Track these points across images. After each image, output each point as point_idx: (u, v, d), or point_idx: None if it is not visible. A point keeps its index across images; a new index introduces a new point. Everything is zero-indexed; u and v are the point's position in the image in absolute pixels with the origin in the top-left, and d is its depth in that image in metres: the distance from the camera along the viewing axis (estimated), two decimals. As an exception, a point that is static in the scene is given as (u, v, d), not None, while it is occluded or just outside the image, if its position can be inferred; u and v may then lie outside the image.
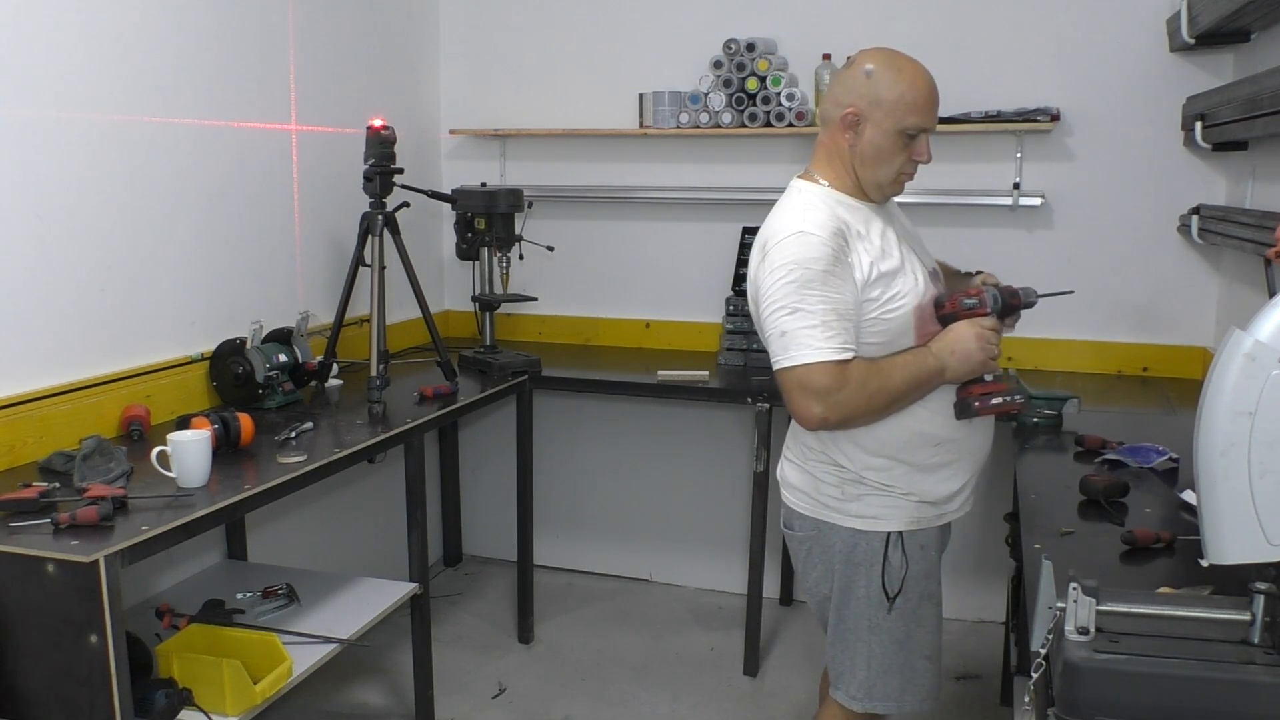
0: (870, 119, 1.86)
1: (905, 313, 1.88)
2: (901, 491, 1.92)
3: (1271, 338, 1.26)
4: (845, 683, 2.02)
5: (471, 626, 3.57)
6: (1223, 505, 1.30)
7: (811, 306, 1.76)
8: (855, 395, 1.79)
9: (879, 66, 1.86)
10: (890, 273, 1.86)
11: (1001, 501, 3.33)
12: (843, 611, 1.99)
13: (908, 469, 1.92)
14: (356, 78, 3.39)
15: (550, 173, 3.82)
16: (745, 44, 3.39)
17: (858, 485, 1.92)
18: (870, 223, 1.90)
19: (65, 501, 1.89)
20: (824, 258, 1.78)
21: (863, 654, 1.99)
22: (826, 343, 1.76)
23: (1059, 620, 1.31)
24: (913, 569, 1.96)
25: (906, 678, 2.01)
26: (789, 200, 1.93)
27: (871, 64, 1.87)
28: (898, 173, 1.91)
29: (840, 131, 1.89)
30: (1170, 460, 2.19)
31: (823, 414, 1.79)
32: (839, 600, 1.99)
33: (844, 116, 1.87)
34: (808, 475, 1.97)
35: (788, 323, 1.78)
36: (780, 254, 1.80)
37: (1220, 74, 3.06)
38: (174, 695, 2.01)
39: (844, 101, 1.88)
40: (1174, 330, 3.28)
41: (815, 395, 1.77)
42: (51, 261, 2.29)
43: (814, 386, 1.77)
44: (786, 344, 1.78)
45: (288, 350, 2.77)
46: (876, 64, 1.87)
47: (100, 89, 2.40)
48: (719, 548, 3.81)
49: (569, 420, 3.94)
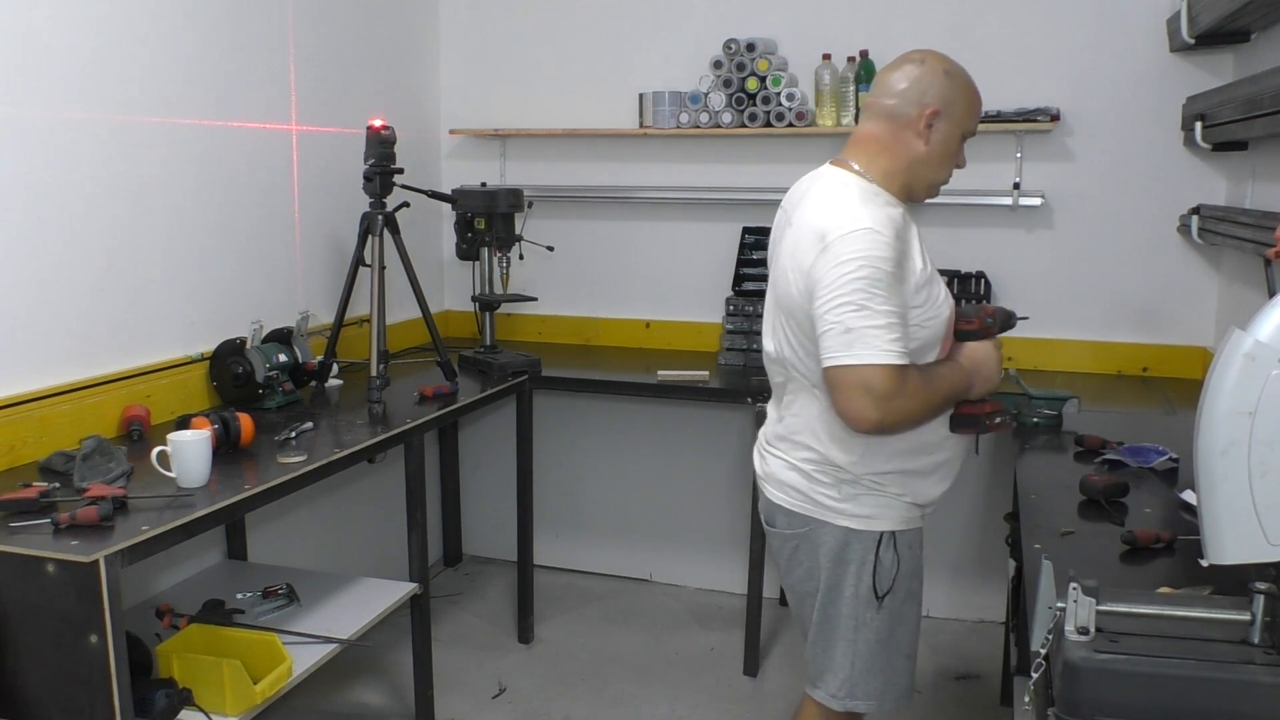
0: (948, 119, 1.86)
1: (940, 322, 1.86)
2: (896, 493, 1.92)
3: (1271, 338, 1.26)
4: (826, 681, 2.01)
5: (471, 626, 3.57)
6: (1223, 505, 1.30)
7: (878, 306, 1.71)
8: (909, 403, 1.76)
9: (952, 69, 1.87)
10: (929, 281, 1.84)
11: (1001, 501, 3.33)
12: (828, 610, 1.98)
13: (907, 474, 1.92)
14: (356, 78, 3.39)
15: (550, 173, 3.82)
16: (745, 44, 3.39)
17: (854, 486, 1.90)
18: (909, 226, 1.87)
19: (65, 501, 1.89)
20: (891, 259, 1.74)
21: (847, 652, 1.98)
22: (891, 345, 1.71)
23: (1059, 620, 1.31)
24: (903, 568, 1.95)
25: (888, 676, 2.00)
26: (837, 191, 1.85)
27: (945, 66, 1.87)
28: (949, 175, 1.94)
29: (915, 130, 1.86)
30: (1170, 460, 2.19)
31: (878, 418, 1.73)
32: (825, 598, 1.97)
33: (928, 115, 1.84)
34: (799, 474, 1.95)
35: (853, 319, 1.71)
36: (847, 248, 1.73)
37: (1220, 74, 3.06)
38: (174, 695, 2.01)
39: (925, 101, 1.84)
40: (1174, 330, 3.28)
41: (875, 398, 1.71)
42: (51, 261, 2.29)
43: (876, 389, 1.71)
44: (850, 341, 1.71)
45: (288, 350, 2.77)
46: (949, 66, 1.88)
47: (100, 89, 2.40)
48: (719, 548, 3.81)
49: (569, 420, 3.94)
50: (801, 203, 1.92)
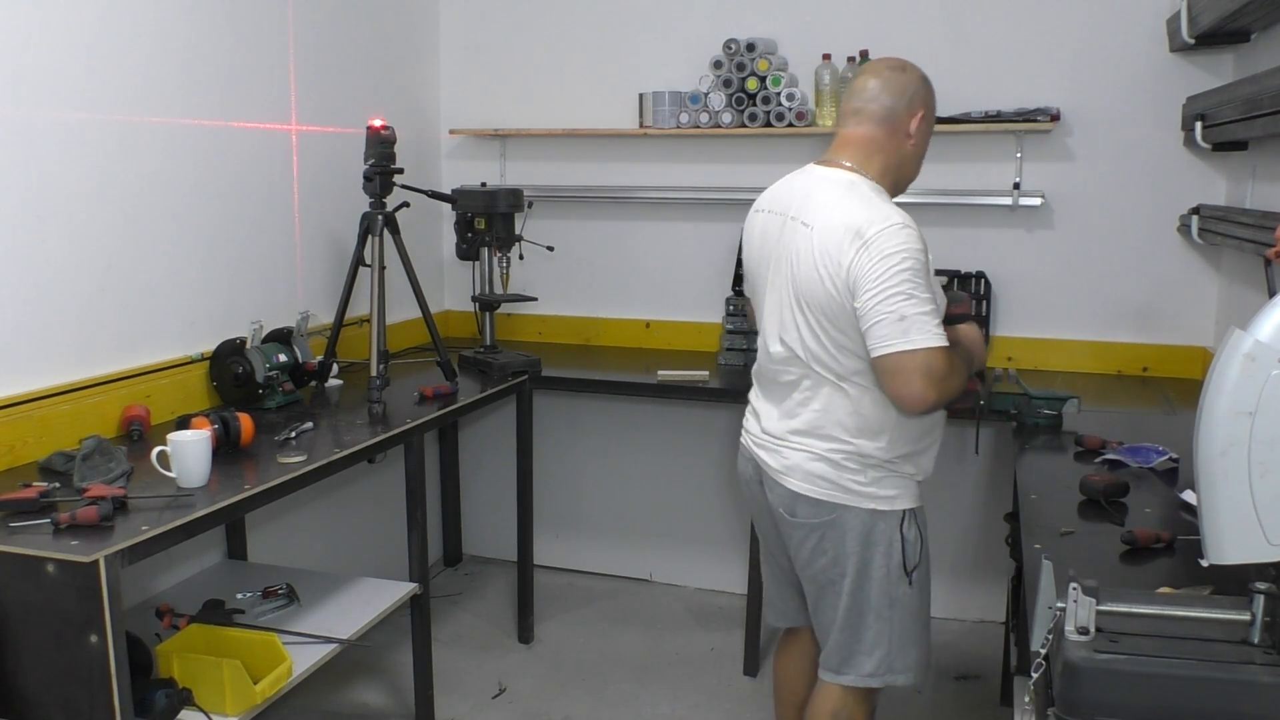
0: (928, 120, 2.04)
1: (943, 308, 1.99)
2: (910, 472, 2.04)
3: (1271, 338, 1.26)
4: (858, 664, 2.07)
5: (471, 626, 3.57)
6: (1223, 505, 1.30)
7: (923, 294, 1.84)
8: (955, 381, 1.92)
9: (926, 76, 2.05)
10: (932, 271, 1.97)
11: (1001, 501, 3.33)
12: (859, 593, 2.04)
13: (917, 453, 2.05)
14: (356, 78, 3.39)
15: (550, 173, 3.82)
16: (745, 44, 3.39)
17: (879, 469, 2.00)
18: None
19: (65, 501, 1.89)
20: (924, 250, 1.88)
21: (883, 630, 2.05)
22: (939, 330, 1.86)
23: (1059, 620, 1.31)
24: (924, 542, 2.07)
25: (920, 648, 2.11)
26: (853, 190, 1.96)
27: (921, 73, 2.05)
28: None
29: (905, 131, 2.00)
30: (1170, 460, 2.19)
31: (935, 398, 1.87)
32: (855, 582, 2.04)
33: (920, 118, 2.01)
34: (826, 463, 2.00)
35: (907, 308, 1.82)
36: (889, 242, 1.84)
37: (1220, 74, 3.06)
38: (174, 695, 2.01)
39: (915, 105, 2.00)
40: (1174, 330, 3.28)
41: (933, 380, 1.84)
42: (52, 261, 2.29)
43: (936, 371, 1.84)
44: (907, 328, 1.82)
45: (288, 350, 2.77)
46: (923, 73, 2.05)
47: (101, 89, 2.40)
48: (719, 548, 3.81)
49: (569, 420, 3.94)
50: (809, 203, 1.99)
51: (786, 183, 2.10)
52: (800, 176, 2.07)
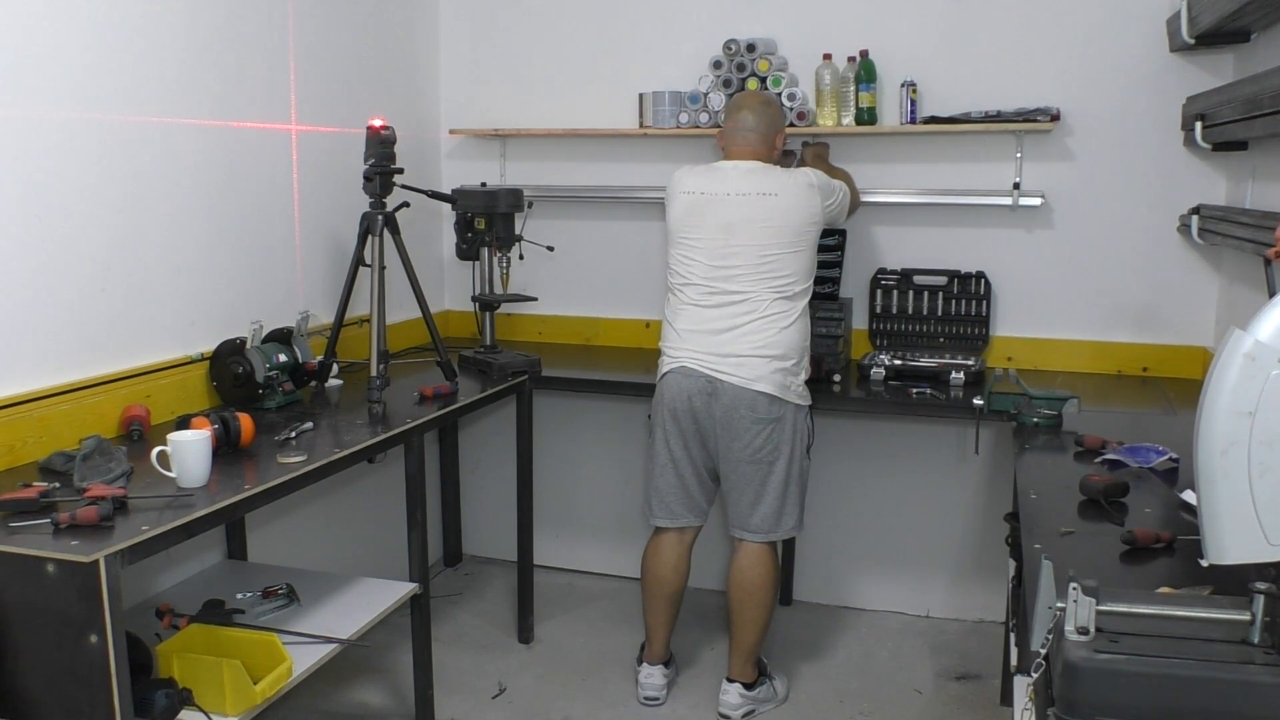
0: (783, 134, 3.03)
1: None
2: (804, 379, 2.90)
3: (1271, 338, 1.26)
4: (782, 524, 2.90)
5: (471, 626, 3.57)
6: (1223, 505, 1.30)
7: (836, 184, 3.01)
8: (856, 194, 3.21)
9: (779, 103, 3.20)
10: None
11: (1001, 501, 3.33)
12: (789, 470, 2.85)
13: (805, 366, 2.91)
14: (356, 78, 3.39)
15: (550, 173, 3.82)
16: (745, 44, 3.39)
17: (798, 377, 2.85)
18: None
19: (65, 501, 1.89)
20: None
21: (797, 496, 2.91)
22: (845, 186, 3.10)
23: (1059, 620, 1.31)
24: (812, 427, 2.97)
25: (803, 506, 2.98)
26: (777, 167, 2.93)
27: (776, 101, 3.14)
28: None
29: (774, 145, 2.96)
30: (1170, 460, 2.19)
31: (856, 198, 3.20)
32: (786, 463, 2.84)
33: (781, 135, 2.99)
34: (782, 373, 2.79)
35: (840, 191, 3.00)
36: (820, 178, 2.90)
37: (1220, 74, 3.06)
38: (174, 695, 2.01)
39: (778, 125, 2.97)
40: (1174, 330, 3.28)
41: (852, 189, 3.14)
42: (51, 261, 2.29)
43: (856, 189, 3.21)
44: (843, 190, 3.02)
45: (288, 350, 2.77)
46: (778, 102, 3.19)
47: (101, 89, 2.40)
48: (719, 547, 3.80)
49: (569, 420, 3.94)
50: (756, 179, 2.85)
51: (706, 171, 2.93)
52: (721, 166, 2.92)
